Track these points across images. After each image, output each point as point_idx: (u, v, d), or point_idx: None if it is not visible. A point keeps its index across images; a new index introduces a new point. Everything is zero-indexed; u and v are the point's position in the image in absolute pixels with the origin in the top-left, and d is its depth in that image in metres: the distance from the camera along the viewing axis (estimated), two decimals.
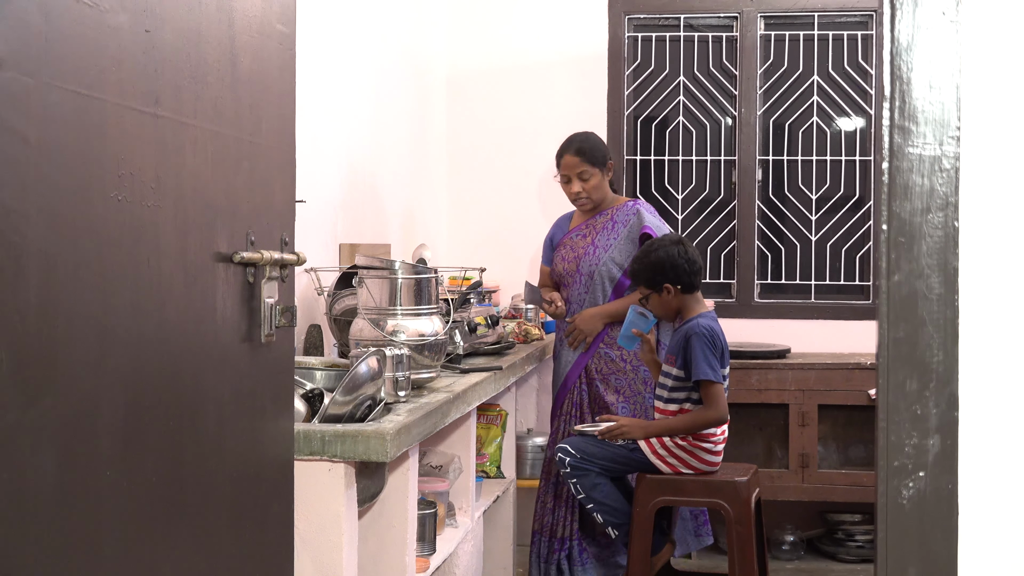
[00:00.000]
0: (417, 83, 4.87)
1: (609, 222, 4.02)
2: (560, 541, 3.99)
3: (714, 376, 3.47)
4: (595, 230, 4.04)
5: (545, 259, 4.26)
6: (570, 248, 4.09)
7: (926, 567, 1.35)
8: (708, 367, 3.46)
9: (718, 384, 3.48)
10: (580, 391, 4.01)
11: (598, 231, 4.03)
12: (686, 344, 3.51)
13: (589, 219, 4.08)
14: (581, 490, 3.59)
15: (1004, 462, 1.36)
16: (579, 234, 4.09)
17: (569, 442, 3.65)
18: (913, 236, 1.35)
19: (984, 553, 1.36)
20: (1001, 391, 1.36)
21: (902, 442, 1.34)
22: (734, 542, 3.45)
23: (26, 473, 1.35)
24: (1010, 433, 1.36)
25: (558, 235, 4.21)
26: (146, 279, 1.63)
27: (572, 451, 3.60)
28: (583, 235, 4.07)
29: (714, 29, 5.26)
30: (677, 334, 3.60)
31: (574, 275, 4.04)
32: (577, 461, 3.59)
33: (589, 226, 4.07)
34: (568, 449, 3.61)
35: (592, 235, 4.03)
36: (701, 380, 3.47)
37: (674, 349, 3.59)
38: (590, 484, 3.58)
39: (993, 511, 1.36)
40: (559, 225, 4.25)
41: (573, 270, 4.05)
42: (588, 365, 3.99)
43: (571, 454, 3.59)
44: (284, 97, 2.11)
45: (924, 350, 1.35)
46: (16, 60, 1.33)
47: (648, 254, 3.60)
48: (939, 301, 1.34)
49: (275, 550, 2.09)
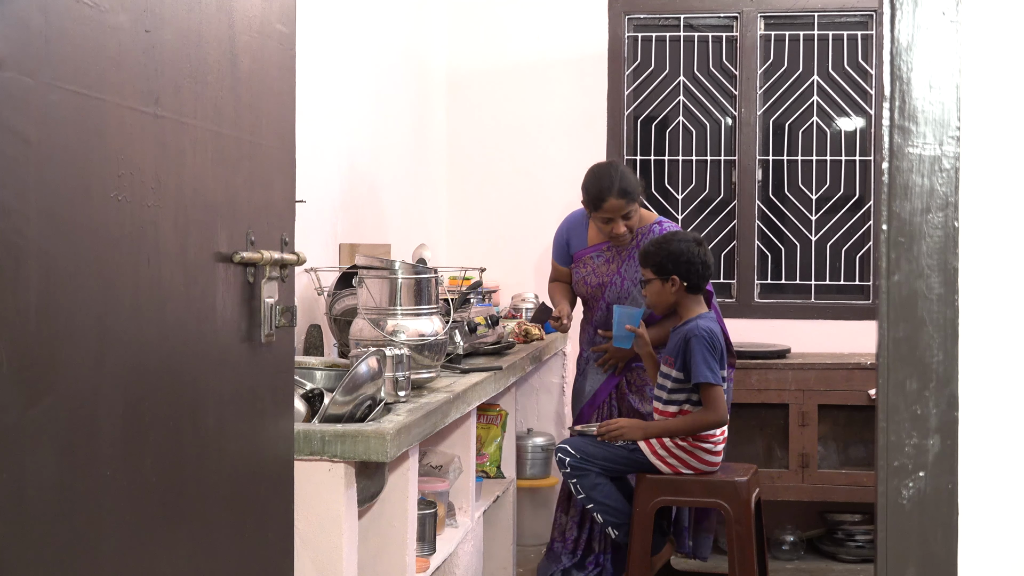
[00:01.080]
0: (417, 83, 4.87)
1: (635, 248, 3.90)
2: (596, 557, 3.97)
3: (713, 379, 3.46)
4: (621, 257, 3.95)
5: (560, 258, 4.15)
6: (592, 271, 4.00)
7: (926, 567, 1.35)
8: (708, 370, 3.45)
9: (718, 387, 3.48)
10: (611, 406, 4.01)
11: (624, 259, 3.94)
12: (685, 346, 3.49)
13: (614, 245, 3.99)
14: (581, 490, 3.59)
15: (1004, 462, 1.36)
16: (603, 258, 3.99)
17: (569, 442, 3.65)
18: (913, 236, 1.35)
19: (984, 553, 1.36)
20: (1001, 391, 1.36)
21: (902, 442, 1.34)
22: (734, 542, 3.45)
23: (26, 473, 1.35)
24: (1010, 433, 1.36)
25: (575, 243, 4.09)
26: (146, 279, 1.63)
27: (572, 451, 3.60)
28: (607, 260, 3.98)
29: (714, 29, 5.26)
30: (676, 335, 3.58)
31: (598, 300, 3.99)
32: (577, 461, 3.59)
33: (613, 251, 3.98)
34: (568, 449, 3.61)
35: (618, 262, 3.95)
36: (700, 383, 3.47)
37: (673, 350, 3.57)
38: (590, 484, 3.58)
39: (993, 511, 1.36)
40: (575, 230, 4.11)
41: (598, 296, 3.98)
42: (620, 383, 3.99)
43: (571, 454, 3.60)
44: (284, 97, 2.11)
45: (924, 350, 1.35)
46: (16, 60, 1.33)
47: (668, 242, 3.58)
48: (939, 301, 1.34)
49: (275, 550, 2.09)
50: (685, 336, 3.51)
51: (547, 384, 5.15)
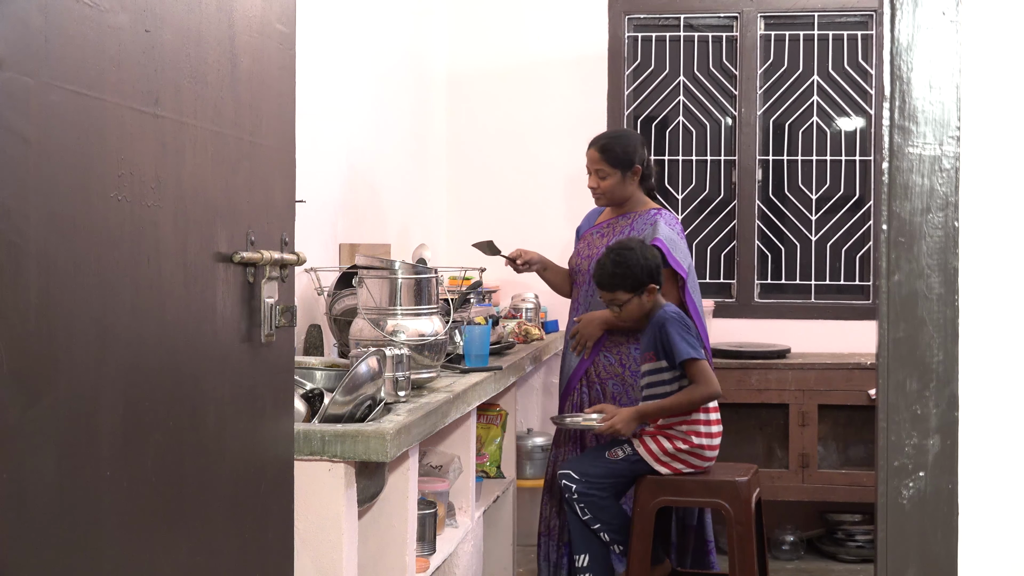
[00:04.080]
0: (417, 83, 4.87)
1: (628, 227, 3.94)
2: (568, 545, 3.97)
3: (696, 353, 3.44)
4: (614, 233, 3.97)
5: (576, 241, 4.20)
6: (587, 245, 4.04)
7: (926, 567, 1.35)
8: (688, 347, 3.43)
9: (702, 360, 3.46)
10: (581, 394, 3.99)
11: (616, 234, 3.96)
12: (660, 333, 3.47)
13: (612, 219, 4.01)
14: (588, 512, 3.51)
15: (1004, 462, 1.36)
16: (599, 233, 4.03)
17: (570, 467, 3.58)
18: (913, 236, 1.35)
19: (984, 553, 1.36)
20: (1001, 391, 1.36)
21: (902, 442, 1.34)
22: (734, 542, 3.45)
23: (26, 473, 1.35)
24: (1010, 433, 1.36)
25: (584, 227, 4.15)
26: (146, 279, 1.63)
27: (576, 476, 3.53)
28: (602, 235, 4.01)
29: (714, 29, 5.26)
30: (648, 331, 3.55)
31: (584, 274, 4.00)
32: (583, 487, 3.52)
33: (610, 227, 4.01)
34: (572, 475, 3.54)
35: (610, 237, 3.96)
36: (685, 361, 3.44)
37: (649, 345, 3.54)
38: (598, 507, 3.52)
39: (993, 511, 1.36)
40: (588, 218, 4.19)
41: (585, 268, 4.00)
42: (589, 369, 3.97)
43: (575, 480, 3.53)
44: (284, 97, 2.11)
45: (924, 350, 1.35)
46: (16, 60, 1.33)
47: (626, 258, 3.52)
48: (939, 301, 1.34)
49: (275, 550, 2.09)
50: (657, 325, 3.49)
51: (547, 384, 5.15)
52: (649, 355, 3.54)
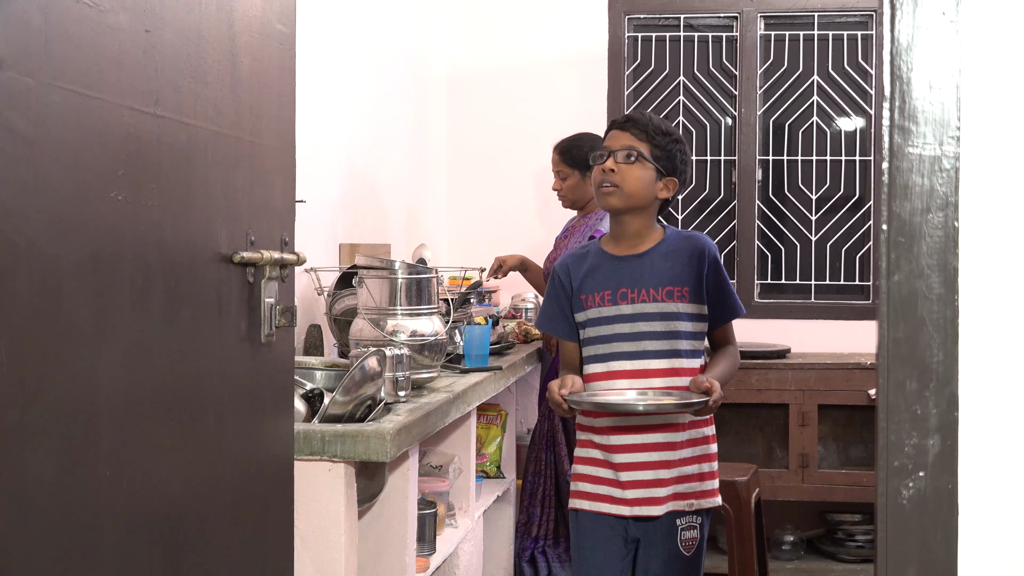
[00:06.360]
0: (417, 83, 4.87)
1: (584, 227, 3.93)
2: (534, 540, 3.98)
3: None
4: (572, 235, 3.99)
5: None
6: (555, 247, 4.09)
7: (926, 567, 1.35)
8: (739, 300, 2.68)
9: None
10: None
11: (573, 236, 3.96)
12: (713, 272, 2.59)
13: (576, 221, 4.05)
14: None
15: (1004, 462, 1.36)
16: (564, 234, 4.07)
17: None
18: (913, 236, 1.34)
19: (984, 553, 1.36)
20: (1001, 391, 1.36)
21: (902, 442, 1.34)
22: (734, 542, 3.45)
23: (26, 473, 1.35)
24: (1010, 433, 1.36)
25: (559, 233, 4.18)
26: (146, 279, 1.63)
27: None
28: (565, 235, 4.05)
29: (714, 29, 5.26)
30: (679, 253, 2.60)
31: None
32: None
33: (571, 229, 4.04)
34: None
35: (569, 239, 3.97)
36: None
37: (682, 276, 2.57)
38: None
39: (993, 511, 1.36)
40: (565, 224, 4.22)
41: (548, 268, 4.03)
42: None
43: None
44: (284, 97, 2.11)
45: (924, 350, 1.34)
46: (16, 60, 1.33)
47: (676, 137, 2.65)
48: (939, 301, 1.34)
49: (275, 550, 2.09)
50: (708, 258, 2.59)
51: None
52: (682, 290, 2.58)
